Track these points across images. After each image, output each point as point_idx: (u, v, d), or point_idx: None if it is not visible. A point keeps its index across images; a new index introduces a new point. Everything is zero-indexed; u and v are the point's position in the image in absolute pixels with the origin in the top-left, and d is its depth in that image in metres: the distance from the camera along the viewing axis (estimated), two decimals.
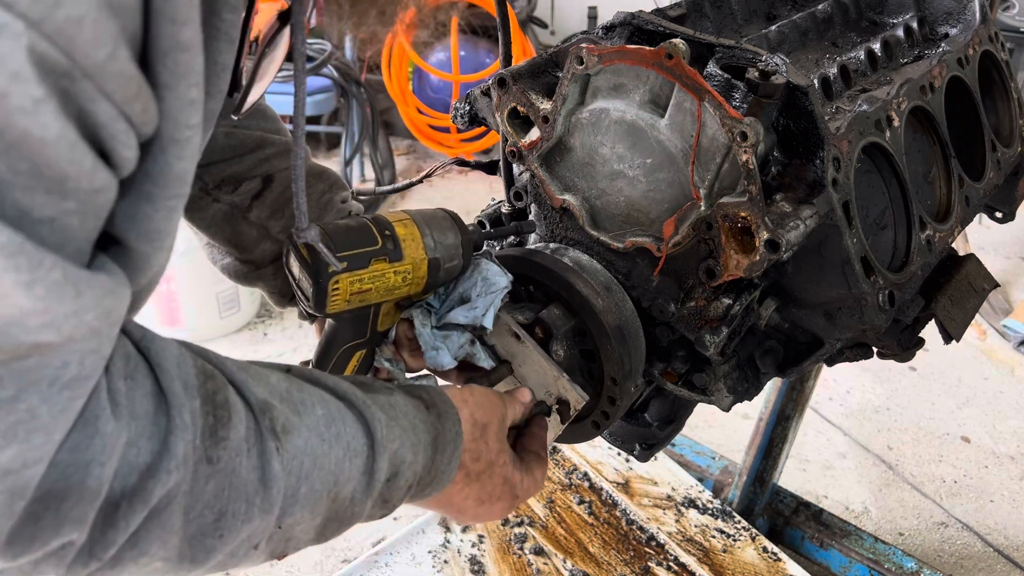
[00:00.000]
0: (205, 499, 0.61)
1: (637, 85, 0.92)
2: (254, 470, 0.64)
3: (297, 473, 0.67)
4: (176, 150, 0.56)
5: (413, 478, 0.78)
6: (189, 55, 0.54)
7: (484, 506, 0.88)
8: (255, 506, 0.64)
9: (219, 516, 0.62)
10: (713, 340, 0.97)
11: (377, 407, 0.75)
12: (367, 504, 0.74)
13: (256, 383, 0.68)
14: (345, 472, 0.71)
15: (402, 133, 4.93)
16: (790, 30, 1.17)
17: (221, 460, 0.62)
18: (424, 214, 0.96)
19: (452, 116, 1.14)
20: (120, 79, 0.49)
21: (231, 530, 0.63)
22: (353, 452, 0.71)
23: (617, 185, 0.98)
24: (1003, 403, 3.09)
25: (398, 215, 0.95)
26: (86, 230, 0.52)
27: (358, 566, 2.00)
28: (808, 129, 0.90)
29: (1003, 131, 1.34)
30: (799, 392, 2.07)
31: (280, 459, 0.65)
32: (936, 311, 1.07)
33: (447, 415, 0.83)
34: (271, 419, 0.66)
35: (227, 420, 0.63)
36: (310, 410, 0.70)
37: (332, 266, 0.86)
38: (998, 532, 2.54)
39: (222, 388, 0.64)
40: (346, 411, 0.73)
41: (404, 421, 0.77)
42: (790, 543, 2.23)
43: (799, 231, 0.86)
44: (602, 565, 2.01)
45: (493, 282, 0.97)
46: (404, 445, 0.76)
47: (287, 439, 0.66)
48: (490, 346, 1.02)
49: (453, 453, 0.82)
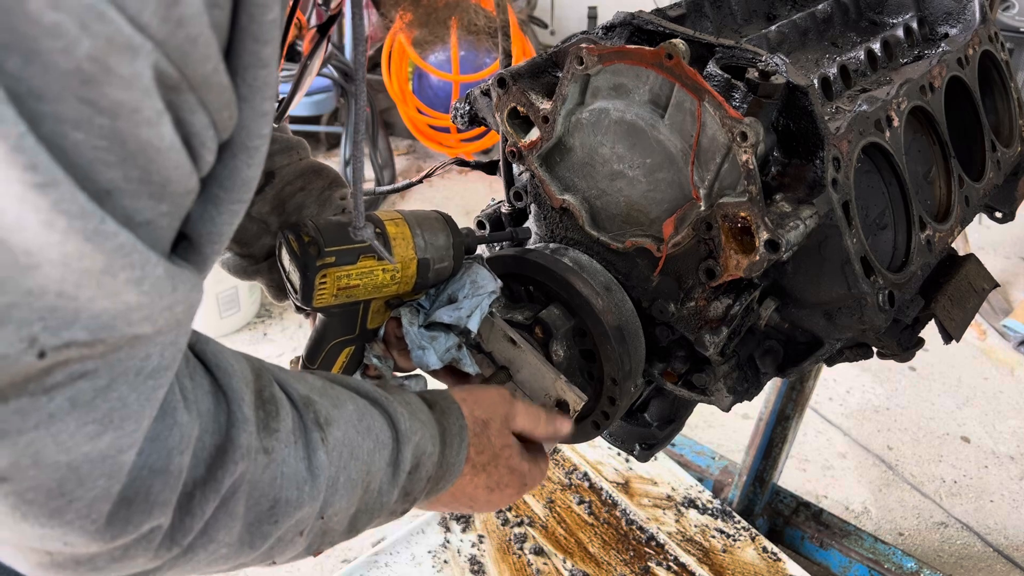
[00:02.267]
0: (262, 488, 0.66)
1: (637, 85, 0.92)
2: (302, 460, 0.69)
3: (338, 463, 0.72)
4: (246, 157, 0.59)
5: (433, 469, 0.83)
6: (267, 71, 0.57)
7: (495, 493, 0.92)
8: (305, 493, 0.69)
9: (274, 503, 0.67)
10: (713, 340, 0.97)
11: (398, 403, 0.80)
12: (393, 495, 0.79)
13: (296, 381, 0.73)
14: (376, 463, 0.76)
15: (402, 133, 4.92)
16: (790, 30, 1.17)
17: (274, 451, 0.66)
18: (417, 215, 0.97)
19: (452, 116, 1.14)
20: (218, 90, 0.53)
21: (285, 515, 0.68)
22: (382, 444, 0.76)
23: (617, 185, 0.98)
24: (1003, 403, 3.09)
25: (391, 214, 0.96)
26: (172, 229, 0.55)
27: (358, 566, 2.00)
28: (808, 129, 0.90)
29: (1003, 131, 1.34)
30: (799, 392, 2.07)
31: (325, 449, 0.70)
32: (936, 311, 1.07)
33: (450, 411, 0.86)
34: (315, 412, 0.71)
35: (276, 413, 0.68)
36: (343, 405, 0.75)
37: (320, 260, 0.89)
38: (998, 532, 2.54)
39: (269, 384, 0.69)
40: (372, 407, 0.78)
41: (422, 415, 0.82)
42: (790, 543, 2.23)
43: (799, 231, 0.86)
44: (602, 565, 2.01)
45: (481, 285, 0.97)
46: (424, 437, 0.81)
47: (329, 431, 0.72)
48: (487, 353, 1.02)
49: (460, 445, 0.86)
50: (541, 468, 0.96)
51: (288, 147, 1.11)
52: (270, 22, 0.54)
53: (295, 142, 1.13)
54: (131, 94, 0.47)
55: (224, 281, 3.17)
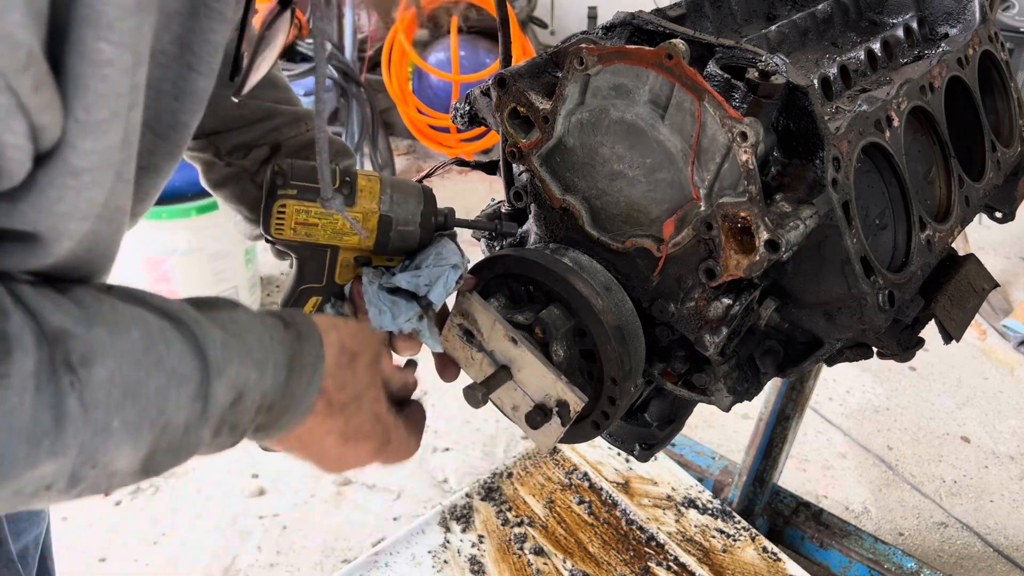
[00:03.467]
0: None
1: (637, 85, 0.92)
2: (46, 409, 0.57)
3: (105, 407, 0.60)
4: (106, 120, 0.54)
5: (262, 400, 0.72)
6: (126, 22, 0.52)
7: (349, 445, 0.82)
8: (42, 449, 0.57)
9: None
10: (713, 340, 0.97)
11: (213, 324, 0.68)
12: (206, 432, 0.68)
13: (55, 308, 0.59)
14: (172, 399, 0.64)
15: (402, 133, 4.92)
16: (790, 30, 1.17)
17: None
18: (396, 180, 0.99)
19: (452, 116, 1.14)
20: (4, 43, 0.47)
21: (10, 476, 0.57)
22: (180, 377, 0.64)
23: (617, 185, 0.98)
24: (1003, 403, 3.09)
25: (369, 172, 0.99)
26: None
27: (358, 566, 2.00)
28: (808, 129, 0.91)
29: (1003, 131, 1.34)
30: (799, 392, 2.07)
31: (77, 395, 0.58)
32: (936, 311, 1.07)
33: (308, 336, 0.77)
34: (66, 350, 0.58)
35: (5, 355, 0.55)
36: (124, 333, 0.62)
37: (282, 190, 0.92)
38: (998, 532, 2.54)
39: (1, 318, 0.56)
40: (172, 331, 0.65)
41: (249, 336, 0.71)
42: (790, 543, 2.23)
43: (799, 231, 0.86)
44: (602, 565, 2.01)
45: (445, 257, 0.98)
46: (245, 363, 0.69)
47: (90, 370, 0.59)
48: (488, 352, 1.02)
49: (313, 375, 0.76)
50: (413, 439, 0.89)
51: (295, 119, 1.12)
52: None
53: (302, 114, 1.14)
54: None
55: (225, 281, 3.17)
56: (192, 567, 2.31)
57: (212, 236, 3.04)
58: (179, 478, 2.59)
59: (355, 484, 2.59)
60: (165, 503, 2.51)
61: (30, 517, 1.23)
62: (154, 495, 2.54)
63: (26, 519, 1.22)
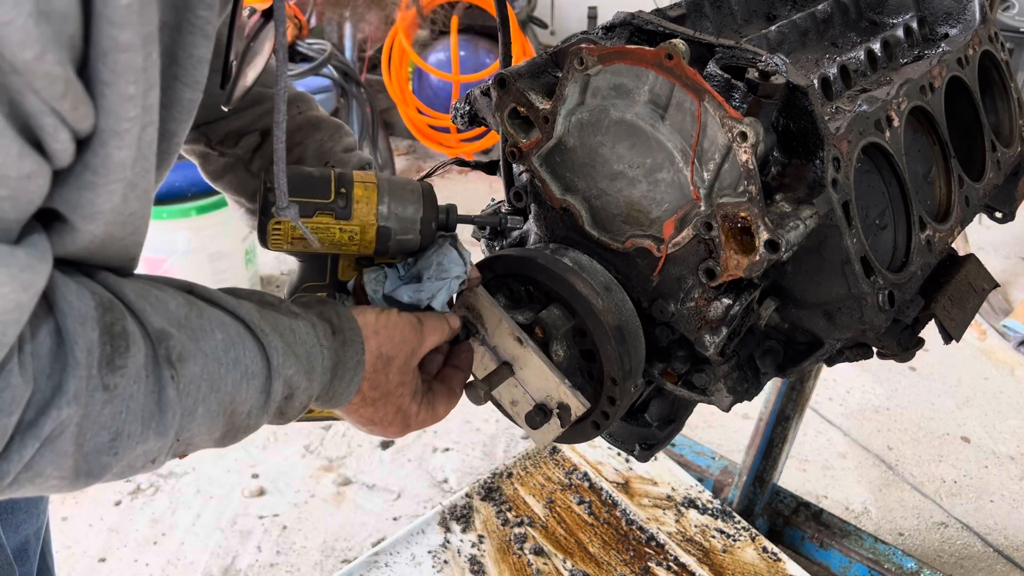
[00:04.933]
0: (102, 421, 0.66)
1: (637, 85, 0.92)
2: (150, 395, 0.69)
3: (194, 396, 0.72)
4: (116, 141, 0.61)
5: (308, 399, 0.84)
6: (128, 55, 0.58)
7: (375, 426, 0.95)
8: (150, 429, 0.69)
9: (115, 436, 0.67)
10: (713, 340, 0.97)
11: (275, 334, 0.79)
12: (264, 417, 0.81)
13: (155, 311, 0.71)
14: (243, 392, 0.76)
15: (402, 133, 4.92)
16: (790, 30, 1.17)
17: (119, 387, 0.66)
18: (394, 183, 0.98)
19: (452, 116, 1.13)
20: (47, 78, 0.54)
21: (127, 448, 0.68)
22: (251, 374, 0.76)
23: (617, 185, 0.98)
24: (1003, 403, 3.09)
25: (366, 176, 0.97)
26: (16, 212, 0.58)
27: (358, 566, 2.01)
28: (808, 129, 0.91)
29: (1003, 131, 1.34)
30: (799, 392, 2.07)
31: (175, 386, 0.70)
32: (936, 311, 1.07)
33: (352, 343, 0.87)
34: (167, 348, 0.70)
35: (125, 349, 0.67)
36: (209, 336, 0.74)
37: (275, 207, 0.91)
38: (998, 532, 2.54)
39: (120, 318, 0.68)
40: (246, 335, 0.77)
41: (300, 348, 0.82)
42: (790, 543, 2.23)
43: (799, 231, 0.86)
44: (602, 565, 2.01)
45: (447, 268, 0.97)
46: (299, 371, 0.81)
47: (183, 367, 0.71)
48: (491, 348, 1.02)
49: (352, 379, 0.87)
50: (437, 413, 0.98)
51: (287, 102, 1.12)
52: (124, 7, 0.56)
53: (294, 96, 1.14)
54: None
55: (225, 282, 3.17)
56: (192, 567, 2.31)
57: (212, 236, 3.04)
58: (179, 478, 2.59)
59: (355, 484, 2.59)
60: (165, 503, 2.51)
61: (28, 509, 1.23)
62: (154, 495, 2.54)
63: (24, 511, 1.22)
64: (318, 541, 2.40)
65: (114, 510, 2.49)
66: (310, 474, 2.63)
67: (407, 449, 2.73)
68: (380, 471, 2.65)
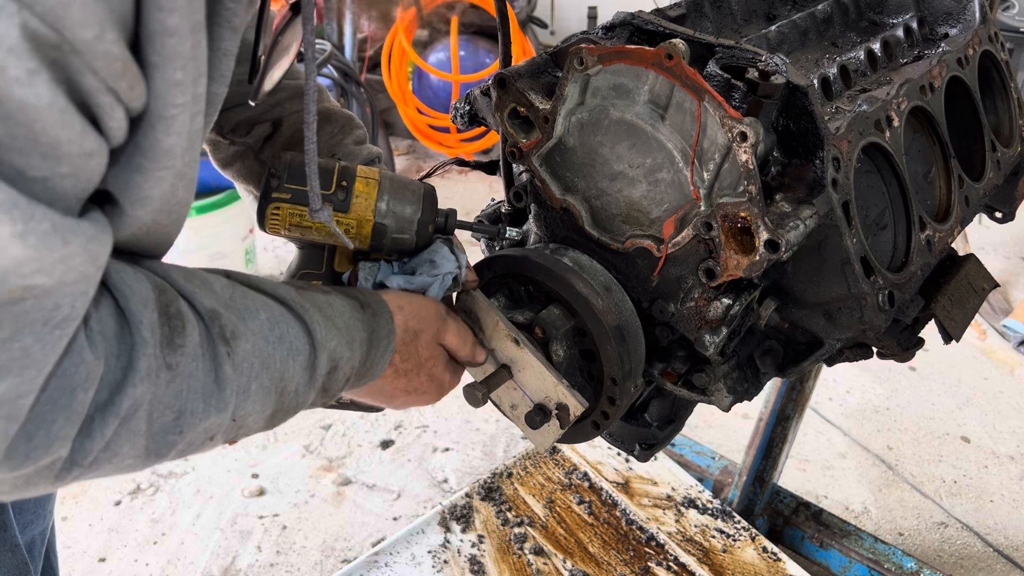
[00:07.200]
0: (167, 401, 0.68)
1: (637, 85, 0.92)
2: (208, 373, 0.71)
3: (248, 373, 0.74)
4: (163, 126, 0.62)
5: (351, 371, 0.86)
6: (175, 40, 0.59)
7: (412, 395, 0.97)
8: (211, 405, 0.71)
9: (179, 415, 0.69)
10: (713, 340, 0.97)
11: (315, 309, 0.82)
12: (311, 395, 0.83)
13: (204, 293, 0.73)
14: (290, 369, 0.78)
15: (402, 133, 4.92)
16: (790, 30, 1.17)
17: (179, 366, 0.68)
18: (396, 181, 0.99)
19: (452, 116, 1.14)
20: (106, 57, 0.55)
21: (190, 426, 0.70)
22: (296, 351, 0.79)
23: (617, 185, 0.98)
24: (1003, 403, 3.09)
25: (369, 172, 0.98)
26: (78, 190, 0.58)
27: (358, 566, 2.00)
28: (808, 129, 0.90)
29: (1003, 131, 1.34)
30: (799, 392, 2.07)
31: (231, 362, 0.72)
32: (936, 311, 1.07)
33: (381, 315, 0.90)
34: (220, 326, 0.72)
35: (182, 329, 0.69)
36: (254, 315, 0.76)
37: (276, 192, 0.95)
38: (998, 532, 2.54)
39: (174, 300, 0.70)
40: (287, 314, 0.79)
41: (340, 320, 0.84)
42: (790, 543, 2.23)
43: (799, 231, 0.86)
44: (602, 565, 2.01)
45: (439, 264, 0.99)
46: (341, 343, 0.83)
47: (236, 344, 0.73)
48: (490, 350, 1.02)
49: (386, 348, 0.90)
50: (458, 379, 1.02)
51: (297, 93, 1.12)
52: None
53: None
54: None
55: None
56: (192, 567, 2.31)
57: (212, 236, 3.04)
58: (179, 478, 2.59)
59: (355, 484, 2.59)
60: (165, 503, 2.51)
61: (35, 510, 1.24)
62: (154, 495, 2.54)
63: (32, 512, 1.23)
64: (318, 541, 2.40)
65: (114, 510, 2.49)
66: (310, 474, 2.63)
67: (407, 449, 2.73)
68: (380, 471, 2.65)
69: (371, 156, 1.14)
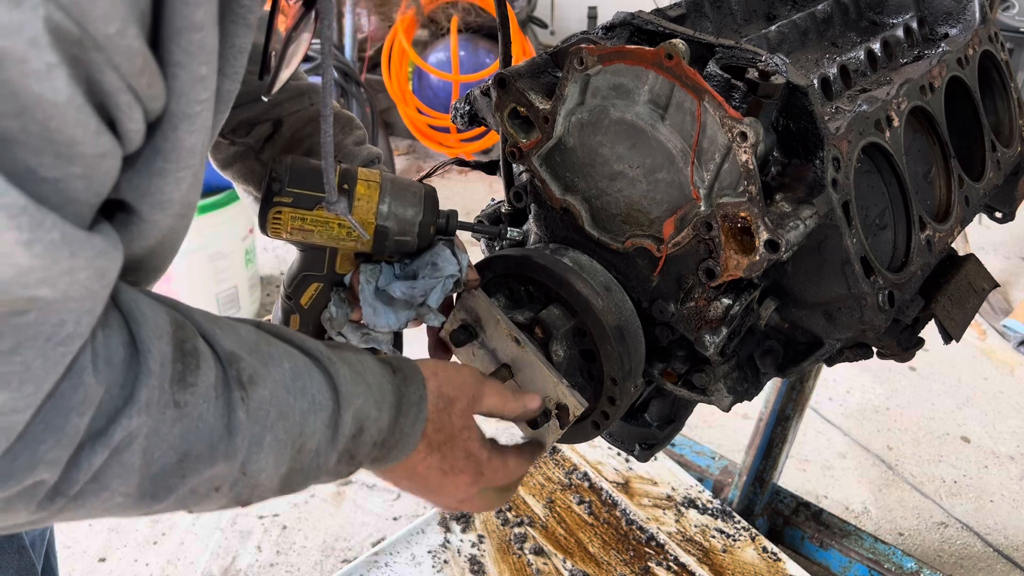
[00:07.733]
0: (170, 440, 0.64)
1: (637, 85, 0.92)
2: (220, 417, 0.67)
3: (262, 422, 0.69)
4: (187, 125, 0.61)
5: (378, 435, 0.80)
6: (201, 35, 0.58)
7: (448, 477, 0.89)
8: (219, 451, 0.67)
9: (183, 457, 0.65)
10: (713, 340, 0.97)
11: (342, 364, 0.78)
12: (332, 457, 0.77)
13: (225, 335, 0.70)
14: (310, 424, 0.73)
15: (402, 133, 4.92)
16: (790, 30, 1.17)
17: (188, 405, 0.65)
18: (398, 183, 0.98)
19: (452, 116, 1.14)
20: (128, 54, 0.53)
21: (194, 471, 0.66)
22: (318, 405, 0.74)
23: (617, 185, 0.98)
24: (1003, 403, 3.09)
25: (370, 174, 0.98)
26: (90, 194, 0.56)
27: (358, 566, 2.01)
28: (808, 129, 0.90)
29: (1003, 131, 1.34)
30: (799, 392, 2.07)
31: (245, 408, 0.68)
32: (936, 311, 1.07)
33: (412, 380, 0.84)
34: (238, 370, 0.69)
35: (195, 367, 0.66)
36: (277, 363, 0.72)
37: (277, 196, 0.94)
38: (998, 532, 2.54)
39: (192, 337, 0.67)
40: (312, 366, 0.75)
41: (370, 378, 0.80)
42: (790, 543, 2.23)
43: (799, 231, 0.86)
44: (602, 565, 2.01)
45: (441, 267, 0.98)
46: (368, 401, 0.78)
47: (253, 390, 0.69)
48: (490, 350, 1.02)
49: (417, 416, 0.83)
50: (508, 465, 0.93)
51: (298, 93, 1.12)
52: None
53: (306, 87, 1.13)
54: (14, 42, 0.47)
55: (225, 281, 3.17)
56: (192, 567, 2.31)
57: (212, 236, 3.04)
58: None
59: (355, 484, 2.59)
60: None
61: None
62: None
63: None
64: (318, 541, 2.40)
65: None
66: None
67: None
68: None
69: (371, 156, 1.13)
